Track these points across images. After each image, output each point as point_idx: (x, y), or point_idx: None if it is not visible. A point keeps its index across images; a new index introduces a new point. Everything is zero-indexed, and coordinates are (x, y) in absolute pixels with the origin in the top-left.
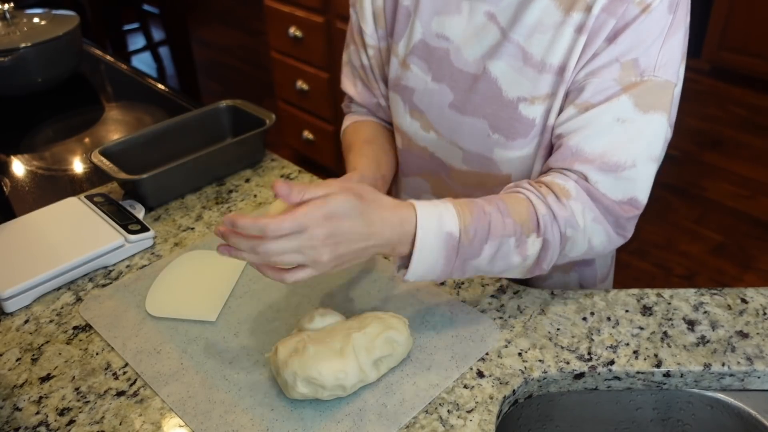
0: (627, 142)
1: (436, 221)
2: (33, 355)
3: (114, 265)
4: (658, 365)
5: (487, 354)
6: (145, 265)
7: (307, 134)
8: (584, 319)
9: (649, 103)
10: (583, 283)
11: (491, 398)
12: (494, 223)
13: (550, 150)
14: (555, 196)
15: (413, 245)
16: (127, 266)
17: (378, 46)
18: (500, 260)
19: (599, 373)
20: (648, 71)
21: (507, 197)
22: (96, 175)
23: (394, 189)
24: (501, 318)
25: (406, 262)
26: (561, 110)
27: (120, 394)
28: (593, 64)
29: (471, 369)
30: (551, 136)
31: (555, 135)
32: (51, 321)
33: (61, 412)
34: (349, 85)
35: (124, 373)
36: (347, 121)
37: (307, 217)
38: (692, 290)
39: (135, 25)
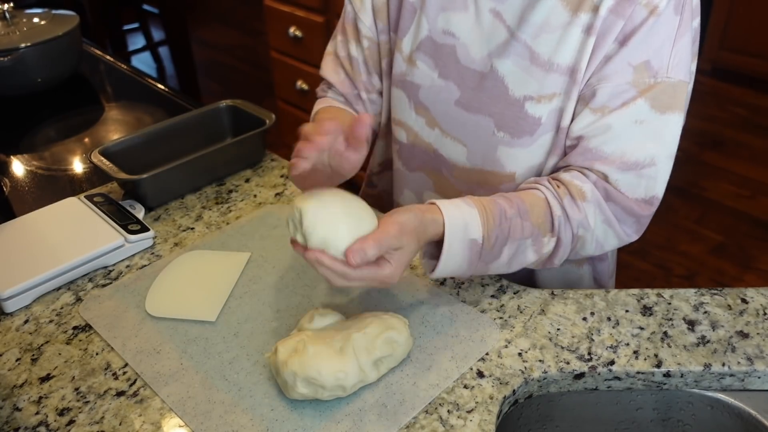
0: (646, 141)
1: (462, 228)
2: (33, 355)
3: (114, 265)
4: (659, 365)
5: (487, 354)
6: (145, 265)
7: None
8: (584, 319)
9: (665, 104)
10: (596, 276)
11: (491, 398)
12: (514, 227)
13: (563, 151)
14: (571, 197)
15: (439, 244)
16: (127, 266)
17: (376, 39)
18: (517, 259)
19: (599, 373)
20: (661, 73)
21: (526, 196)
22: (96, 175)
23: (396, 185)
24: (501, 318)
25: (431, 251)
26: (574, 112)
27: (120, 394)
28: (606, 68)
29: (471, 369)
30: (566, 138)
31: (572, 138)
32: (51, 321)
33: (61, 412)
34: (330, 72)
35: (124, 373)
36: (320, 104)
37: (387, 274)
38: (692, 290)
39: (135, 25)
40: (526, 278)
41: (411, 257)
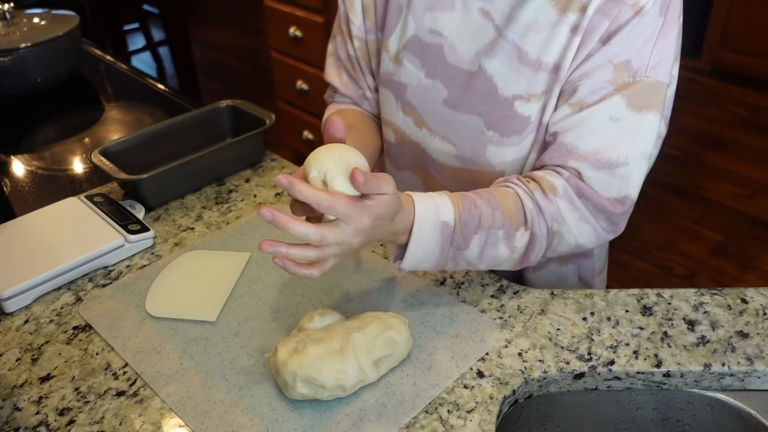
0: (620, 140)
1: (433, 211)
2: (33, 355)
3: (114, 265)
4: (658, 365)
5: (487, 354)
6: (145, 265)
7: (307, 134)
8: (584, 319)
9: (641, 103)
10: (581, 274)
11: (491, 398)
12: (484, 215)
13: (544, 146)
14: (542, 191)
15: (410, 234)
16: (127, 266)
17: (365, 38)
18: (489, 251)
19: (599, 373)
20: (640, 72)
21: (497, 191)
22: (96, 175)
23: None
24: (501, 318)
25: (401, 252)
26: (555, 108)
27: (120, 394)
28: (587, 64)
29: (471, 369)
30: (545, 134)
31: (549, 133)
32: (51, 321)
33: (61, 412)
34: (334, 76)
35: (124, 373)
36: (330, 110)
37: (357, 213)
38: (692, 290)
39: (135, 25)
40: (513, 277)
41: (381, 234)
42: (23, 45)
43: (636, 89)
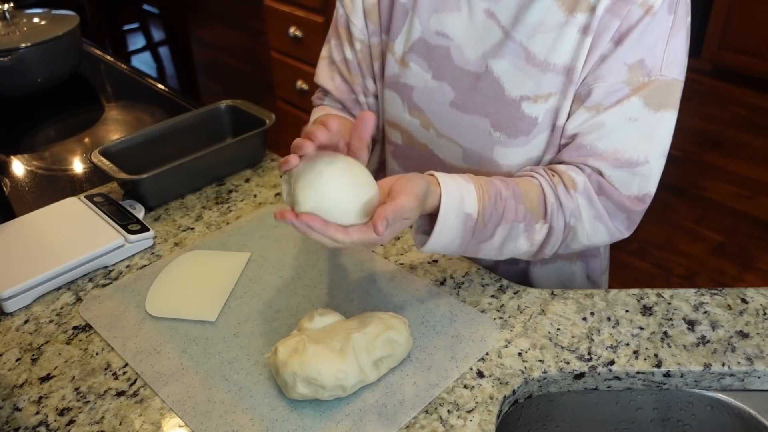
0: (640, 139)
1: (458, 202)
2: (33, 355)
3: (114, 265)
4: (658, 365)
5: (487, 354)
6: (145, 265)
7: None
8: (584, 319)
9: (658, 102)
10: (589, 274)
11: (491, 398)
12: (508, 208)
13: (558, 149)
14: (564, 186)
15: (432, 218)
16: (127, 266)
17: (367, 41)
18: (510, 244)
19: (599, 373)
20: (655, 71)
21: (521, 182)
22: (96, 175)
23: None
24: (501, 318)
25: (424, 227)
26: (570, 110)
27: (120, 394)
28: (602, 67)
29: (471, 369)
30: (561, 137)
31: (567, 136)
32: (51, 321)
33: (61, 412)
34: (326, 78)
35: (124, 373)
36: (318, 113)
37: (379, 239)
38: (692, 290)
39: (135, 25)
40: (520, 275)
41: (407, 226)
42: (23, 45)
43: (652, 88)
